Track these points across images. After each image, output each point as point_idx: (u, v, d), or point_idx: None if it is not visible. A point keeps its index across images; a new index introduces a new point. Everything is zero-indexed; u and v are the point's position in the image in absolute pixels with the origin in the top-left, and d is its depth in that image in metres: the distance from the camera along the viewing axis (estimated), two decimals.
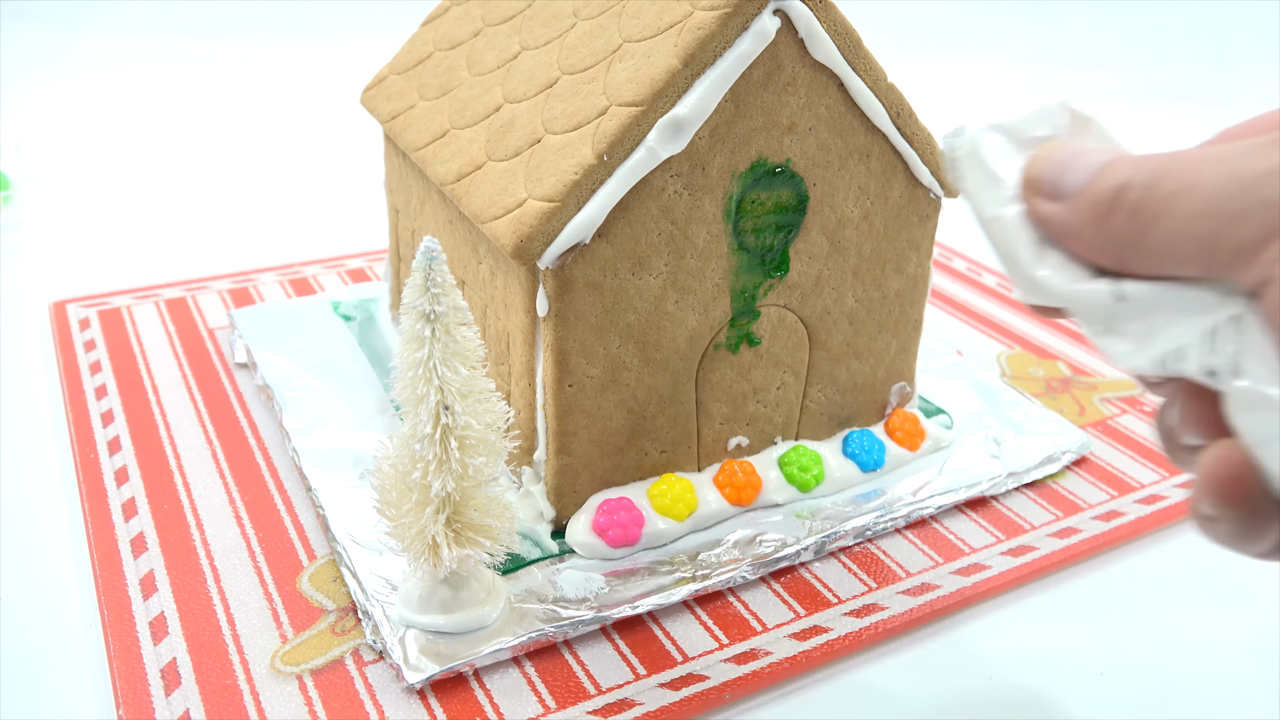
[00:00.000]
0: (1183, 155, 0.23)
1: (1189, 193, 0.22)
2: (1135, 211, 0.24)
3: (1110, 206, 0.25)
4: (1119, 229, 0.25)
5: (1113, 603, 0.42)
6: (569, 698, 0.36)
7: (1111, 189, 0.25)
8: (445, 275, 0.32)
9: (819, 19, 0.38)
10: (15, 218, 0.76)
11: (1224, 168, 0.22)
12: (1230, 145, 0.22)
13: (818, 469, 0.45)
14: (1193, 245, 0.23)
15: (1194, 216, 0.22)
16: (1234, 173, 0.22)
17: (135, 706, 0.34)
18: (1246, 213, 0.21)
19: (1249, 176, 0.21)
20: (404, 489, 0.35)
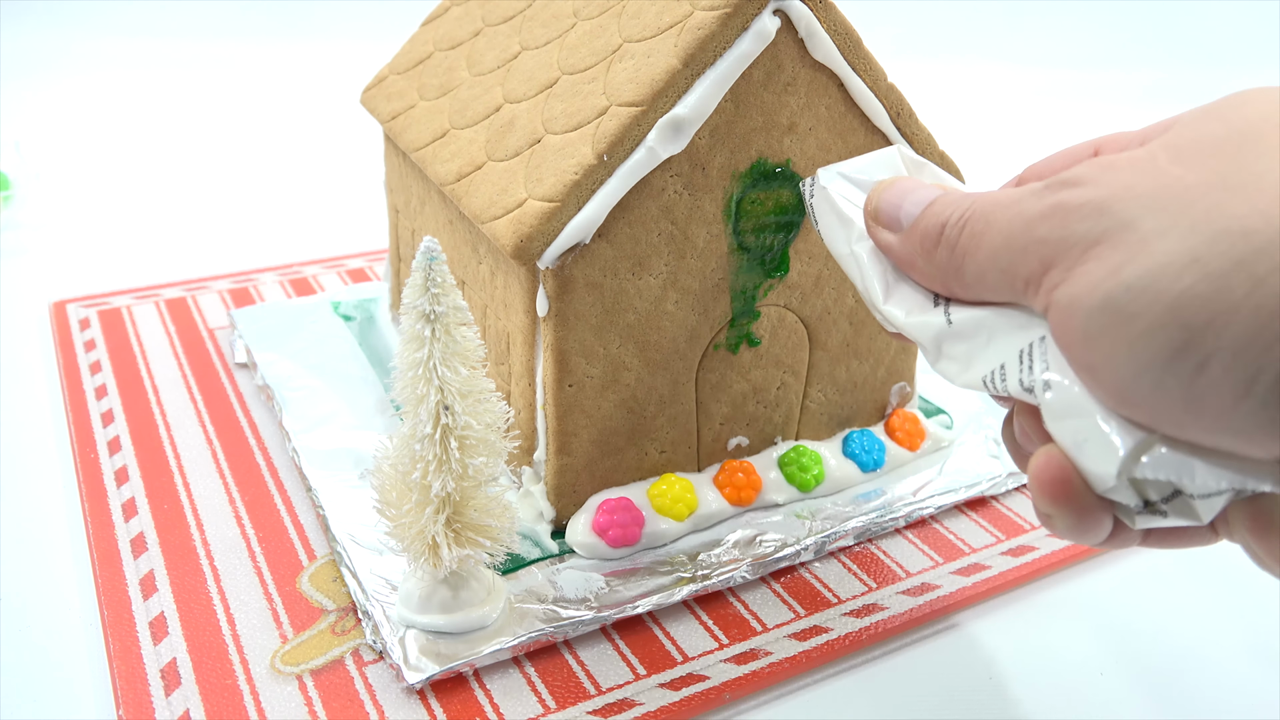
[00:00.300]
0: (988, 197, 0.27)
1: (989, 232, 0.26)
2: (952, 247, 0.28)
3: (934, 242, 0.28)
4: (941, 262, 0.28)
5: (1113, 603, 0.42)
6: (569, 698, 0.36)
7: (935, 227, 0.28)
8: (445, 275, 0.32)
9: (819, 19, 0.38)
10: (15, 218, 0.76)
11: (1011, 211, 0.26)
12: (1021, 189, 0.26)
13: (818, 469, 0.45)
14: (996, 276, 0.26)
15: (994, 252, 0.26)
16: (1018, 215, 0.25)
17: (135, 706, 0.34)
18: (1028, 248, 0.25)
19: (1029, 218, 0.25)
20: (404, 489, 0.35)
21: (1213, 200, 0.21)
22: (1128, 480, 0.24)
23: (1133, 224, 0.22)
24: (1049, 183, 0.25)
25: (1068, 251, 0.23)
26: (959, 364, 0.29)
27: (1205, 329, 0.21)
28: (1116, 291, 0.22)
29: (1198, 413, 0.22)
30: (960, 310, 0.29)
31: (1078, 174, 0.24)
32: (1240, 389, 0.21)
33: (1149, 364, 0.22)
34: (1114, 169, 0.24)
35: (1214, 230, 0.21)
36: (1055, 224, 0.24)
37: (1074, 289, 0.23)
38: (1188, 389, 0.21)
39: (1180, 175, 0.22)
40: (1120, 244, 0.22)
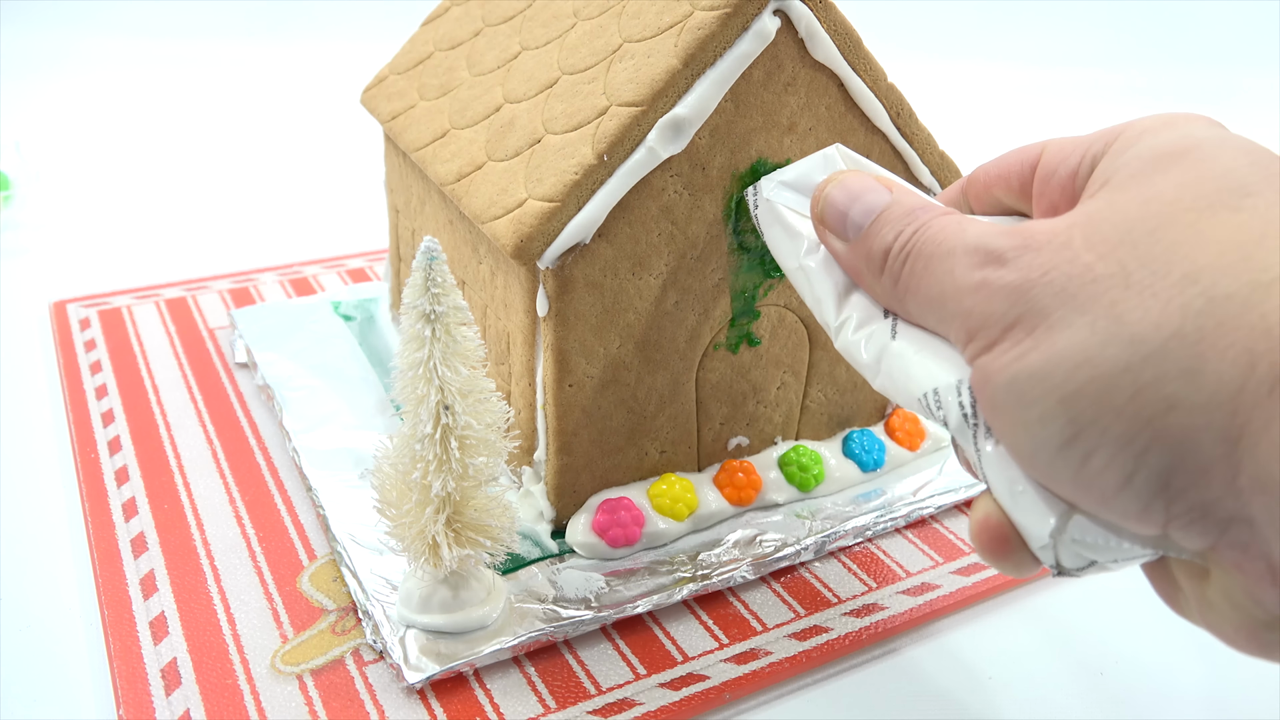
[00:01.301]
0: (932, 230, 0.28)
1: (926, 278, 0.27)
2: (895, 279, 0.29)
3: (879, 267, 0.29)
4: (886, 289, 0.29)
5: (1113, 603, 0.42)
6: (569, 698, 0.36)
7: (879, 251, 0.29)
8: (445, 275, 0.32)
9: (819, 19, 0.38)
10: (15, 218, 0.76)
11: (945, 267, 0.26)
12: (958, 248, 0.26)
13: (818, 469, 0.45)
14: (931, 323, 0.28)
15: (929, 302, 0.27)
16: (950, 280, 0.26)
17: (135, 706, 0.34)
18: (955, 315, 0.26)
19: (959, 286, 0.26)
20: (404, 489, 0.35)
21: (1112, 299, 0.22)
22: (1053, 543, 0.25)
23: (1044, 312, 0.23)
24: (980, 249, 0.26)
25: (987, 328, 0.25)
26: (897, 382, 0.29)
27: (1090, 425, 0.22)
28: (1020, 376, 0.23)
29: (1085, 494, 0.23)
30: (906, 327, 0.29)
31: (1004, 250, 0.25)
32: (1120, 481, 0.22)
33: (1043, 446, 0.23)
34: (1035, 250, 0.24)
35: (1109, 333, 0.22)
36: (980, 299, 0.25)
37: (988, 363, 0.25)
38: (1076, 473, 0.23)
39: (1090, 265, 0.23)
40: (1031, 330, 0.24)
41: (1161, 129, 0.25)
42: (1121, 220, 0.23)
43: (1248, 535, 0.21)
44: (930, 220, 0.28)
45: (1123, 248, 0.23)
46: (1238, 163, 0.23)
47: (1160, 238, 0.22)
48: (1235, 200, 0.22)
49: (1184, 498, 0.22)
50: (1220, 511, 0.21)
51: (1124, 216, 0.23)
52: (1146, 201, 0.23)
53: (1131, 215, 0.23)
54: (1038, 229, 0.25)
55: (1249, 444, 0.20)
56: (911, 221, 0.28)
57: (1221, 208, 0.22)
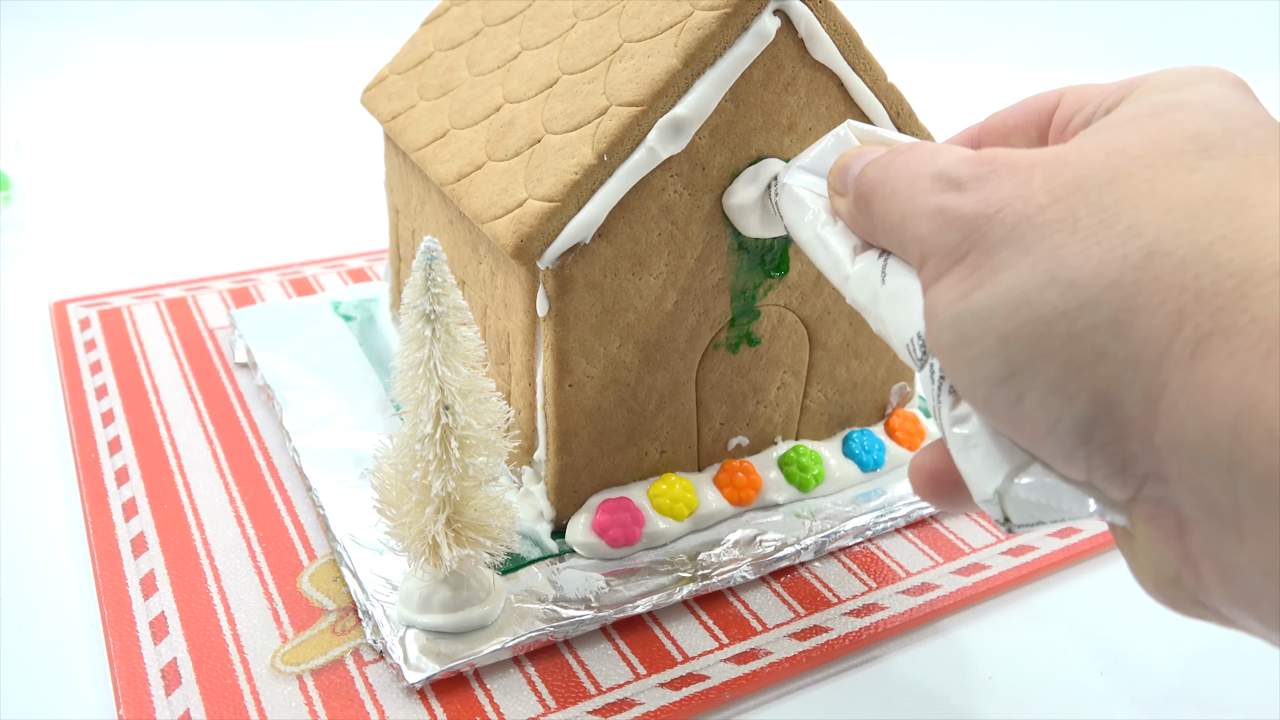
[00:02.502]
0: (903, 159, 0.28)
1: (892, 202, 0.28)
2: (868, 207, 0.29)
3: (857, 200, 0.30)
4: (863, 220, 0.30)
5: (1113, 603, 0.42)
6: (569, 698, 0.36)
7: (857, 185, 0.30)
8: (445, 275, 0.32)
9: (819, 19, 0.38)
10: (15, 218, 0.76)
11: (908, 192, 0.27)
12: (924, 170, 0.27)
13: (818, 469, 0.45)
14: (898, 250, 0.28)
15: (890, 227, 0.28)
16: (910, 202, 0.27)
17: (135, 706, 0.34)
18: (909, 240, 0.27)
19: (916, 210, 0.26)
20: (404, 489, 0.35)
21: (1057, 242, 0.23)
22: (998, 497, 0.25)
23: (991, 250, 0.24)
24: (943, 175, 0.26)
25: (938, 257, 0.25)
26: (888, 327, 0.29)
27: (1024, 367, 0.23)
28: (963, 314, 0.24)
29: (1017, 432, 0.24)
30: (894, 269, 0.29)
31: (965, 177, 0.25)
32: (1049, 424, 0.23)
33: (980, 383, 0.24)
34: (995, 180, 0.25)
35: (1049, 275, 0.22)
36: (935, 226, 0.25)
37: (936, 298, 0.25)
38: (1009, 411, 0.24)
39: (1043, 206, 0.23)
40: (976, 268, 0.24)
41: (1170, 86, 0.26)
42: (1084, 166, 0.23)
43: (1161, 492, 0.22)
44: (906, 150, 0.28)
45: (1077, 194, 0.23)
46: (1212, 125, 0.24)
47: (1114, 189, 0.23)
48: (1195, 161, 0.23)
49: (1105, 450, 0.22)
50: (1138, 467, 0.22)
51: (1087, 163, 0.23)
52: (1110, 153, 0.24)
53: (1094, 163, 0.23)
54: (1003, 157, 0.25)
55: (1168, 404, 0.21)
56: (890, 155, 0.29)
57: (1180, 167, 0.23)
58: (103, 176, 0.85)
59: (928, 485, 0.29)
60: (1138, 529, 0.23)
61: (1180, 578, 0.23)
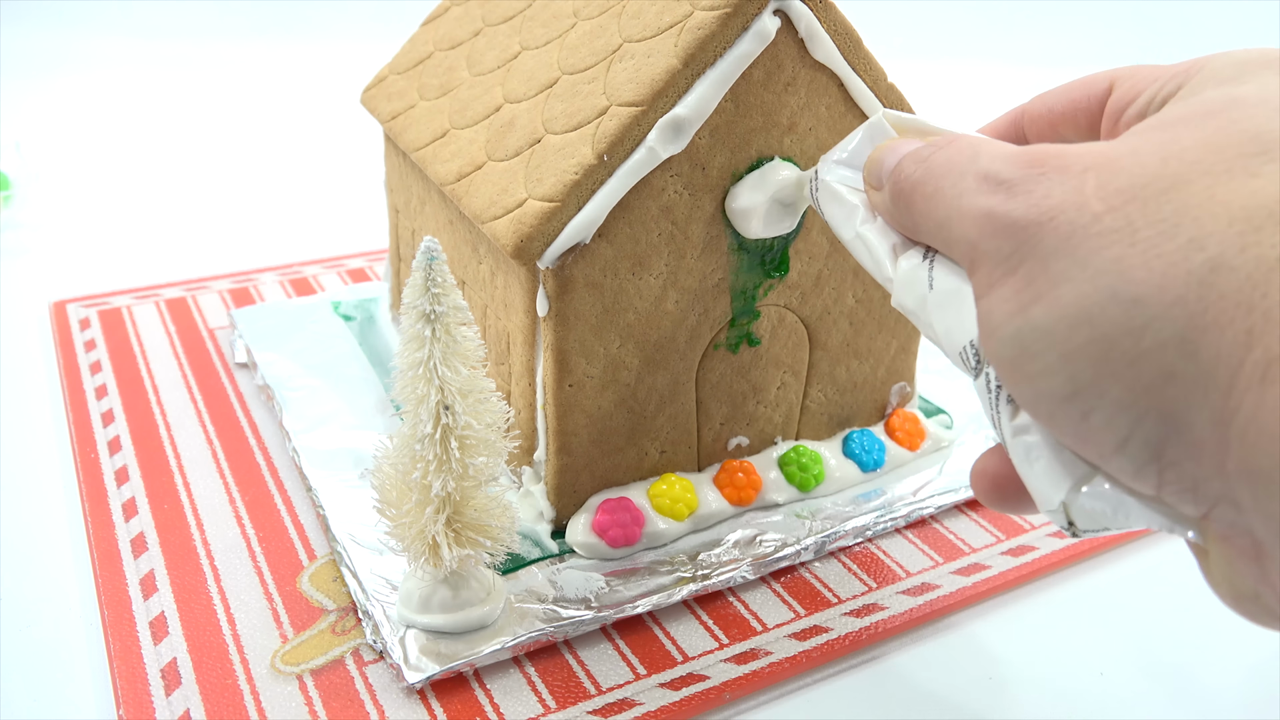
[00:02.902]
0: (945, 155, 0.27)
1: (935, 201, 0.27)
2: (909, 205, 0.28)
3: (895, 197, 0.29)
4: (902, 216, 0.29)
5: (1113, 603, 0.42)
6: (569, 698, 0.36)
7: (897, 182, 0.29)
8: (445, 275, 0.32)
9: (819, 19, 0.38)
10: (15, 218, 0.76)
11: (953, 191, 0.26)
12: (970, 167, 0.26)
13: (818, 469, 0.45)
14: (941, 246, 0.27)
15: (936, 226, 0.27)
16: (955, 203, 0.26)
17: (135, 706, 0.34)
18: (957, 241, 0.26)
19: (963, 211, 0.25)
20: (404, 489, 0.35)
21: (1115, 254, 0.22)
22: (1064, 508, 0.25)
23: (1045, 261, 0.23)
24: (990, 175, 0.25)
25: (989, 267, 0.24)
26: (939, 335, 0.28)
27: (1090, 385, 0.22)
28: (1023, 329, 0.23)
29: (1084, 447, 0.23)
30: (941, 272, 0.28)
31: (1014, 178, 0.24)
32: (1117, 442, 0.22)
33: (1044, 398, 0.23)
34: (1046, 182, 0.24)
35: (1111, 292, 0.22)
36: (985, 232, 0.24)
37: (990, 311, 0.24)
38: (1075, 427, 0.23)
39: (1098, 215, 0.22)
40: (1032, 280, 0.23)
41: (1227, 77, 0.25)
42: (1140, 173, 0.23)
43: (1234, 514, 0.21)
44: (946, 144, 0.27)
45: (1134, 203, 0.22)
46: (1271, 124, 0.22)
47: (1173, 198, 0.22)
48: (1255, 165, 0.22)
49: (1175, 469, 0.22)
50: (1209, 489, 0.21)
51: (1142, 168, 0.23)
52: (1166, 159, 0.23)
53: (1150, 168, 0.22)
54: (1052, 156, 0.24)
55: (1239, 429, 0.20)
56: (929, 150, 0.28)
57: (1240, 172, 0.22)
58: (103, 176, 0.85)
59: (991, 491, 0.28)
60: (1212, 546, 0.23)
61: (1260, 596, 0.22)
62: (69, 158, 0.89)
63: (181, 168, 0.88)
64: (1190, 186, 0.22)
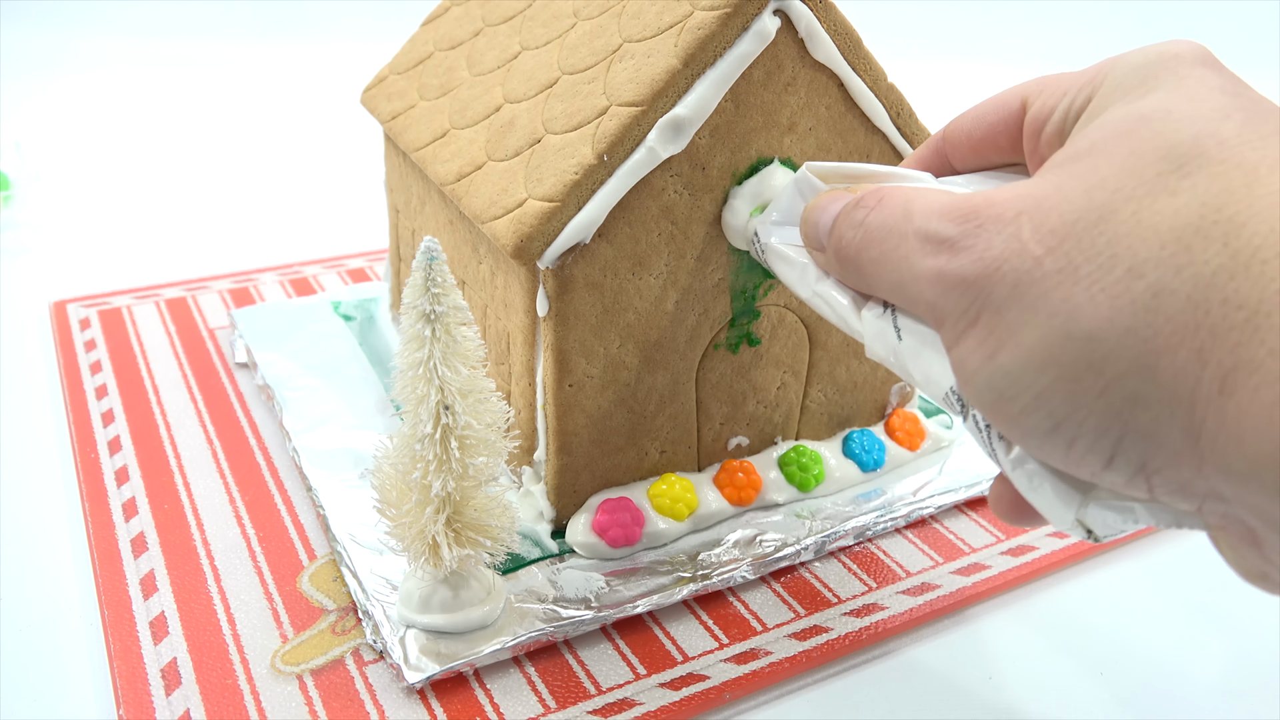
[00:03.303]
0: (880, 215, 0.28)
1: (883, 264, 0.28)
2: (856, 268, 0.29)
3: (840, 262, 0.30)
4: (852, 278, 0.30)
5: (1112, 603, 0.42)
6: (569, 698, 0.36)
7: (835, 246, 0.30)
8: (445, 275, 0.32)
9: (819, 19, 0.38)
10: (15, 218, 0.76)
11: (900, 253, 0.27)
12: (906, 227, 0.27)
13: (818, 469, 0.45)
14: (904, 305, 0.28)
15: (890, 288, 0.28)
16: (905, 266, 0.26)
17: (135, 706, 0.34)
18: (917, 301, 0.27)
19: (915, 274, 0.26)
20: (404, 489, 0.35)
21: (1062, 295, 0.23)
22: (1078, 524, 0.26)
23: (1000, 311, 0.24)
24: (929, 235, 0.26)
25: (951, 322, 0.25)
26: (918, 381, 0.29)
27: (1068, 418, 0.23)
28: (995, 375, 0.24)
29: (1076, 470, 0.24)
30: (905, 322, 0.29)
31: (953, 237, 0.25)
32: (1103, 462, 0.23)
33: (1029, 434, 0.24)
34: (985, 235, 0.25)
35: (1065, 332, 0.23)
36: (938, 291, 0.25)
37: (963, 361, 0.25)
38: (1064, 455, 0.24)
39: (1039, 259, 0.23)
40: (993, 329, 0.24)
41: (1131, 89, 0.25)
42: (1068, 209, 0.23)
43: (1223, 507, 0.22)
44: (876, 204, 0.28)
45: (1069, 240, 0.23)
46: (1180, 135, 0.23)
47: (1104, 229, 0.23)
48: (1173, 183, 0.22)
49: (1161, 475, 0.23)
50: (1195, 488, 0.22)
51: (1070, 206, 0.23)
52: (1089, 190, 0.23)
53: (1077, 205, 0.23)
54: (984, 209, 0.25)
55: (1208, 439, 0.21)
56: (857, 209, 0.29)
57: (1161, 192, 0.22)
58: (103, 176, 0.85)
59: (1013, 513, 0.29)
60: (1213, 535, 0.24)
61: (1267, 574, 0.23)
62: (69, 158, 0.89)
63: (181, 168, 0.88)
64: (1117, 215, 0.23)
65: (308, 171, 0.88)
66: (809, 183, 0.33)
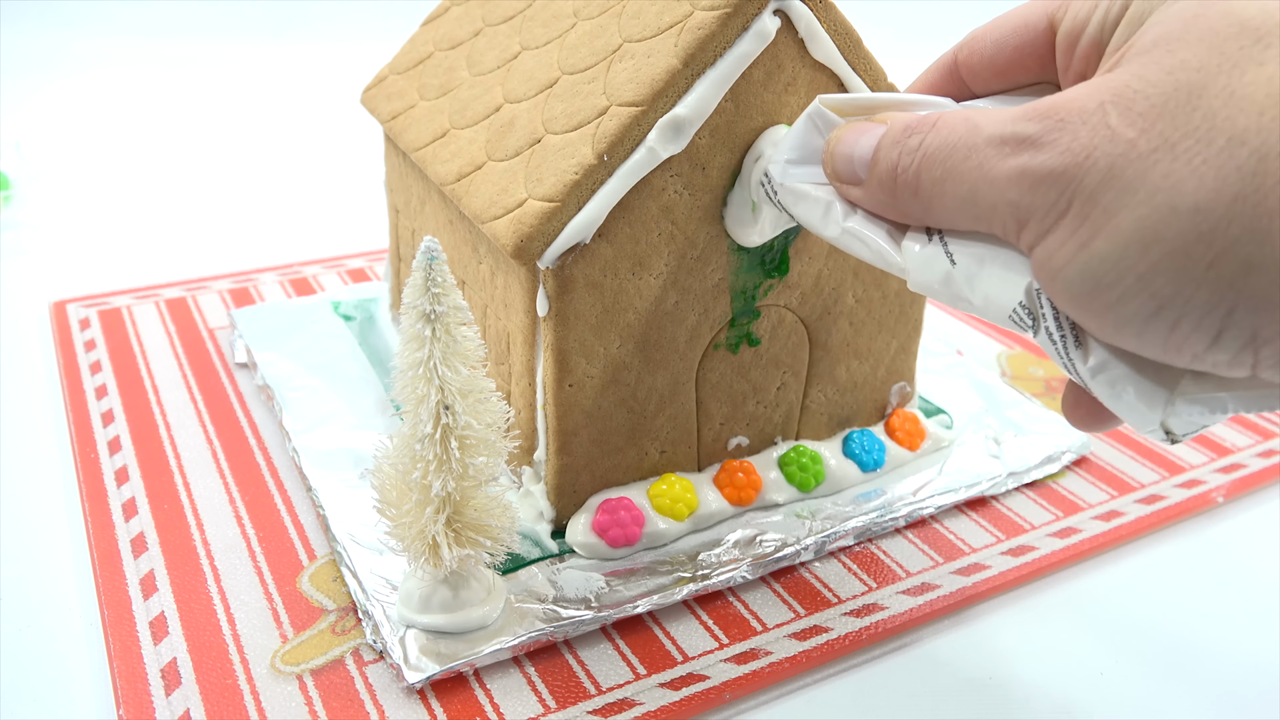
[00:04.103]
0: (940, 135, 0.27)
1: (950, 180, 0.27)
2: (914, 192, 0.28)
3: (892, 190, 0.29)
4: (906, 206, 0.29)
5: (1113, 603, 0.42)
6: (569, 698, 0.36)
7: (888, 173, 0.29)
8: (445, 275, 0.32)
9: (819, 19, 0.38)
10: (15, 218, 0.76)
11: (972, 163, 0.26)
12: (976, 136, 0.26)
13: (818, 469, 0.45)
14: (969, 223, 0.27)
15: (961, 203, 0.27)
16: (981, 172, 0.26)
17: (135, 706, 0.34)
18: (997, 207, 0.26)
19: (993, 178, 0.26)
20: (404, 489, 0.35)
21: (1162, 171, 0.23)
22: (1160, 428, 0.26)
23: (1094, 197, 0.24)
24: (1007, 138, 0.25)
25: (1038, 217, 0.25)
26: (977, 305, 0.29)
27: (1173, 297, 0.23)
28: (1091, 263, 0.24)
29: (1175, 355, 0.24)
30: (958, 245, 0.28)
31: (1035, 134, 0.25)
32: (1209, 341, 0.23)
33: (1129, 322, 0.24)
34: (1070, 128, 0.24)
35: (1170, 207, 0.23)
36: (1023, 189, 0.25)
37: (1051, 256, 0.25)
38: (1165, 339, 0.24)
39: (1132, 141, 0.23)
40: (1086, 217, 0.24)
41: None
42: (1154, 93, 0.23)
43: None
44: (932, 126, 0.28)
45: (1162, 120, 0.23)
46: (1249, 11, 0.24)
47: (1197, 106, 0.23)
48: (1258, 54, 0.23)
49: (1270, 345, 0.23)
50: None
51: (1156, 89, 0.24)
52: (1172, 72, 0.24)
53: (1163, 87, 0.23)
54: (1063, 105, 0.25)
55: None
56: (910, 134, 0.28)
57: (1248, 64, 0.23)
58: (103, 176, 0.85)
59: (1087, 419, 0.29)
60: None
61: None
62: (69, 158, 0.89)
63: (181, 168, 0.88)
64: (1208, 90, 0.23)
65: (308, 171, 0.88)
66: (824, 117, 0.32)
